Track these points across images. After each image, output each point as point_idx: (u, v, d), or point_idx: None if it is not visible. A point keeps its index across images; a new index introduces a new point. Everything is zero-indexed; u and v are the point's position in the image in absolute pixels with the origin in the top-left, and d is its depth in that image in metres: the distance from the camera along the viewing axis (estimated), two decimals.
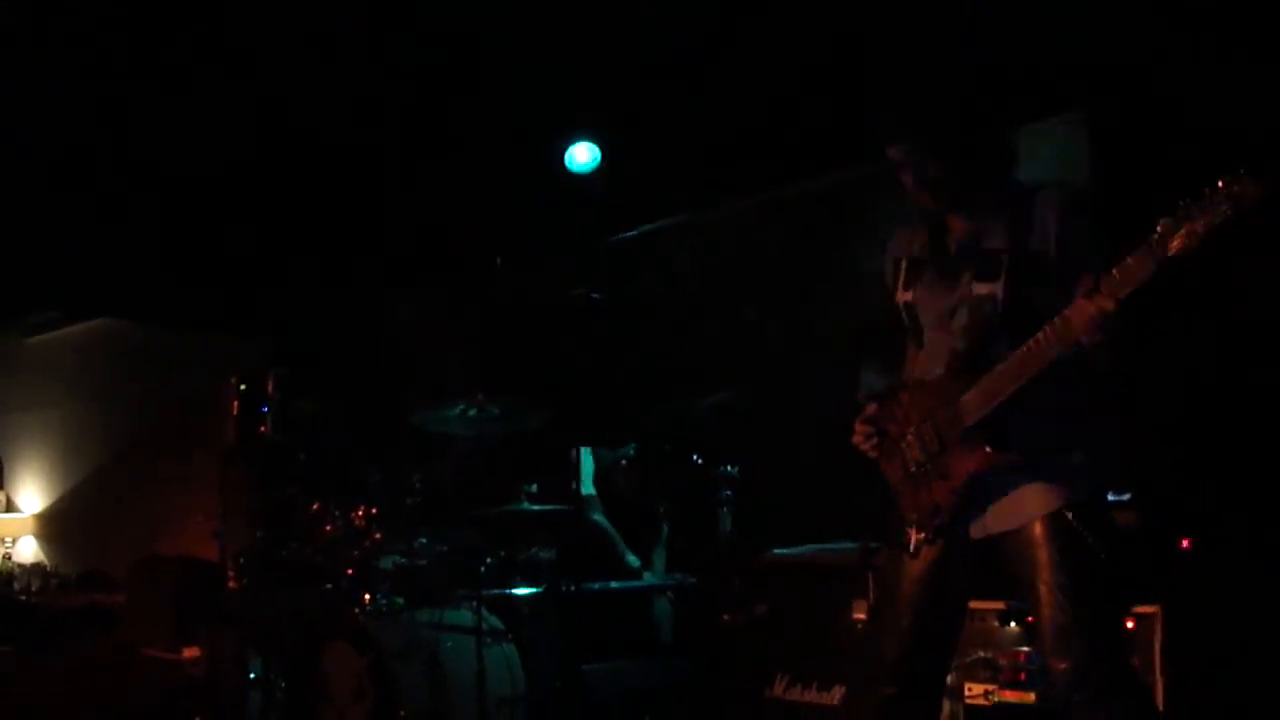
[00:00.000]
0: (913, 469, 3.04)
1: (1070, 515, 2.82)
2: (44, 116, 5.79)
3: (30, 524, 10.42)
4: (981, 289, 2.94)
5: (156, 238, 6.98)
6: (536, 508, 5.34)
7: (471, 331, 6.95)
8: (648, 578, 5.66)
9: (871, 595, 3.99)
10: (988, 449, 2.86)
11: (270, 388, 5.82)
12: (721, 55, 5.21)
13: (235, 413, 5.97)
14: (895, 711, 3.04)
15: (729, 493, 4.87)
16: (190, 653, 6.22)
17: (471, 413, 5.04)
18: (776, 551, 4.55)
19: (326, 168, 6.31)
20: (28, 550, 10.34)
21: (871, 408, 3.23)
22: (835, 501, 5.03)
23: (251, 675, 5.44)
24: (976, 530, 2.97)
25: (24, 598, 8.44)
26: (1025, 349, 2.77)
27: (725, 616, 4.54)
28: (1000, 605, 3.74)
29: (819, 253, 5.76)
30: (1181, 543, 3.65)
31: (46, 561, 9.88)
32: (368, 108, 5.82)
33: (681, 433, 5.17)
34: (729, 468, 4.90)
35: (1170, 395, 4.25)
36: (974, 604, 3.65)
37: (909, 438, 3.05)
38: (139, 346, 9.33)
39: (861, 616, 4.08)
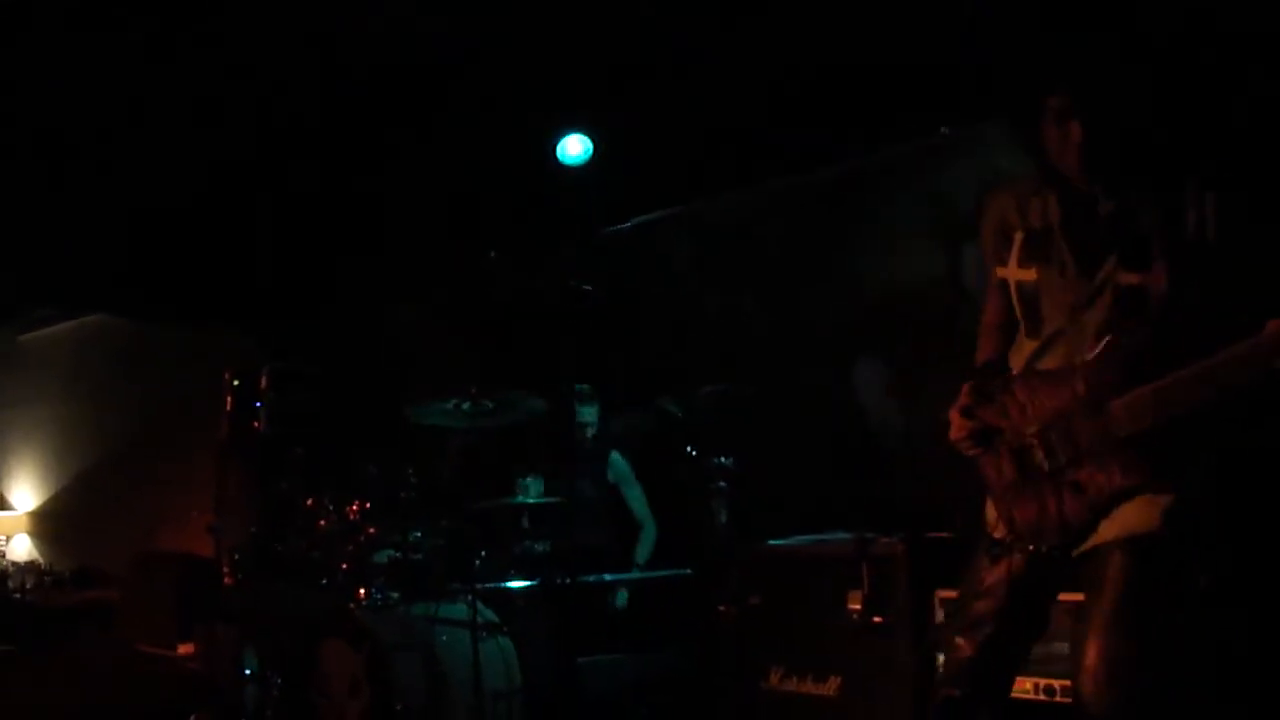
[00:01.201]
0: (1032, 475, 2.70)
1: (1137, 545, 2.55)
2: (38, 113, 5.78)
3: (24, 522, 10.40)
4: (1129, 278, 2.57)
5: (150, 234, 6.96)
6: (531, 501, 5.36)
7: (465, 325, 6.94)
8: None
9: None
10: (1147, 469, 2.54)
11: (264, 383, 5.82)
12: (714, 47, 5.20)
13: (229, 409, 5.97)
14: (957, 714, 2.78)
15: (724, 484, 4.87)
16: (186, 649, 6.21)
17: (466, 406, 5.04)
18: (771, 543, 4.55)
19: (319, 162, 6.29)
20: (22, 548, 10.32)
21: (966, 398, 2.83)
22: (830, 493, 5.05)
23: (248, 671, 5.45)
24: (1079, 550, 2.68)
25: (18, 596, 8.42)
26: (1209, 365, 2.43)
27: (721, 608, 4.54)
28: None
29: (815, 246, 5.76)
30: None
31: (41, 559, 9.86)
32: (360, 102, 5.81)
33: (677, 424, 5.17)
34: (724, 459, 4.90)
35: None
36: None
37: (1032, 440, 2.69)
38: (133, 343, 9.31)
39: (856, 608, 4.08)
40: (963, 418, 2.82)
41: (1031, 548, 2.68)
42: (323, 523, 5.12)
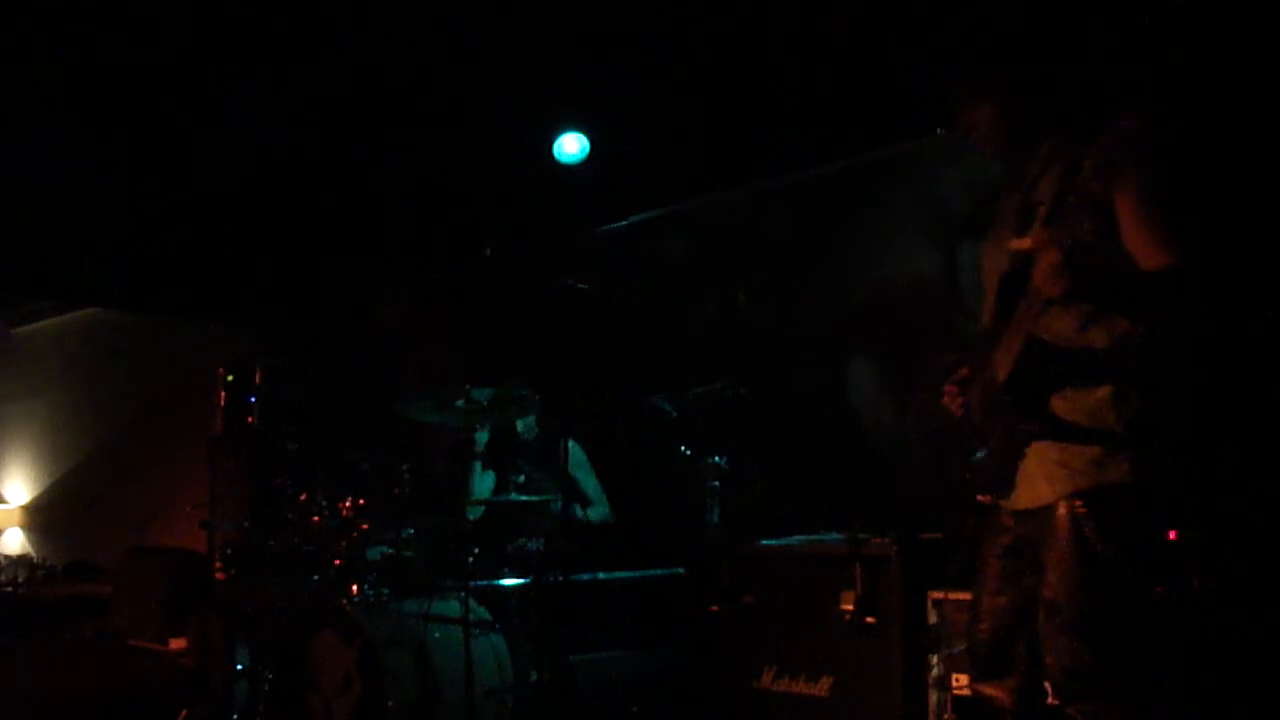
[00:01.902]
0: (969, 431, 2.93)
1: (1080, 504, 2.70)
2: (32, 107, 5.77)
3: (17, 515, 10.40)
4: (1020, 243, 2.72)
5: (144, 228, 6.95)
6: (524, 498, 5.35)
7: (460, 322, 6.94)
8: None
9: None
10: (1010, 413, 2.78)
11: (258, 378, 5.82)
12: (711, 47, 5.20)
13: (223, 403, 5.97)
14: (987, 695, 2.94)
15: (717, 483, 4.87)
16: (178, 643, 6.21)
17: (459, 403, 5.03)
18: (764, 542, 4.55)
19: (315, 157, 6.29)
20: (14, 541, 10.32)
21: (964, 370, 3.02)
22: (823, 493, 5.05)
23: (239, 665, 5.44)
24: (1009, 504, 2.87)
25: (10, 589, 8.40)
26: (1023, 303, 2.68)
27: (713, 607, 4.54)
28: None
29: (810, 245, 5.76)
30: (1168, 534, 3.65)
31: (33, 553, 9.86)
32: (357, 98, 5.80)
33: (670, 423, 5.17)
34: (717, 458, 4.90)
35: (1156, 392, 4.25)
36: (960, 595, 3.67)
37: (967, 401, 2.94)
38: (126, 337, 9.31)
39: (849, 608, 4.08)
40: (951, 384, 3.02)
41: (987, 497, 2.92)
42: (315, 518, 5.10)
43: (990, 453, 2.87)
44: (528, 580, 5.09)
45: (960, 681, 3.79)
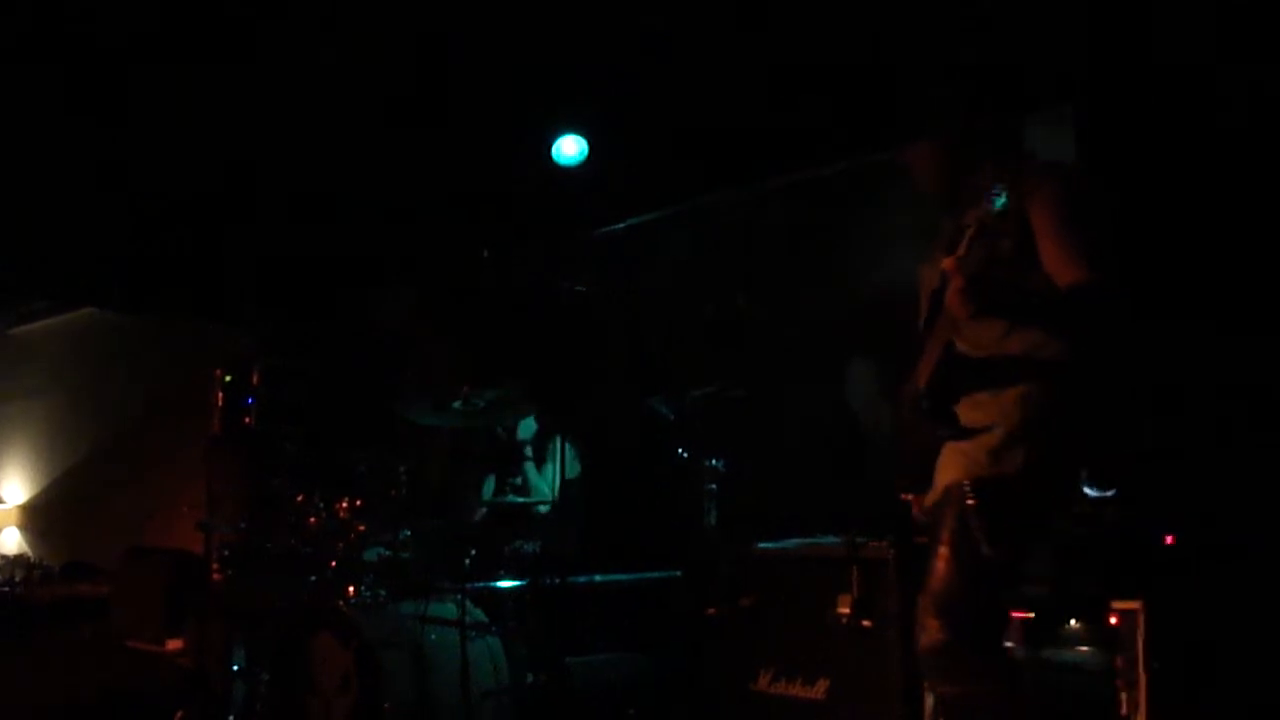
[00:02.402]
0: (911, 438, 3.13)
1: (970, 491, 2.87)
2: (29, 107, 5.77)
3: (14, 515, 10.39)
4: (947, 264, 2.92)
5: (142, 229, 6.95)
6: (521, 500, 5.35)
7: (458, 324, 6.94)
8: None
9: None
10: (927, 417, 2.99)
11: (255, 379, 5.81)
12: (710, 48, 5.20)
13: (220, 404, 5.96)
14: None
15: (714, 486, 4.87)
16: (175, 644, 6.20)
17: (457, 405, 5.03)
18: (761, 545, 4.55)
19: (313, 158, 6.29)
20: (11, 541, 10.31)
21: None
22: (821, 495, 5.05)
23: (236, 667, 5.44)
24: (926, 500, 3.09)
25: (7, 589, 8.40)
26: (941, 318, 2.91)
27: (710, 610, 4.54)
28: None
29: (809, 247, 5.76)
30: (1165, 539, 3.66)
31: (30, 553, 9.86)
32: (355, 100, 5.81)
33: (668, 425, 5.17)
34: (714, 461, 4.90)
35: (1154, 392, 4.27)
36: None
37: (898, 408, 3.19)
38: (124, 337, 9.30)
39: (846, 610, 4.08)
40: None
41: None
42: (313, 520, 5.11)
43: (911, 454, 3.11)
44: (524, 582, 5.09)
45: None
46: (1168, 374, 4.25)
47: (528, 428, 5.90)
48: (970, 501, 2.87)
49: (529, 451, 5.87)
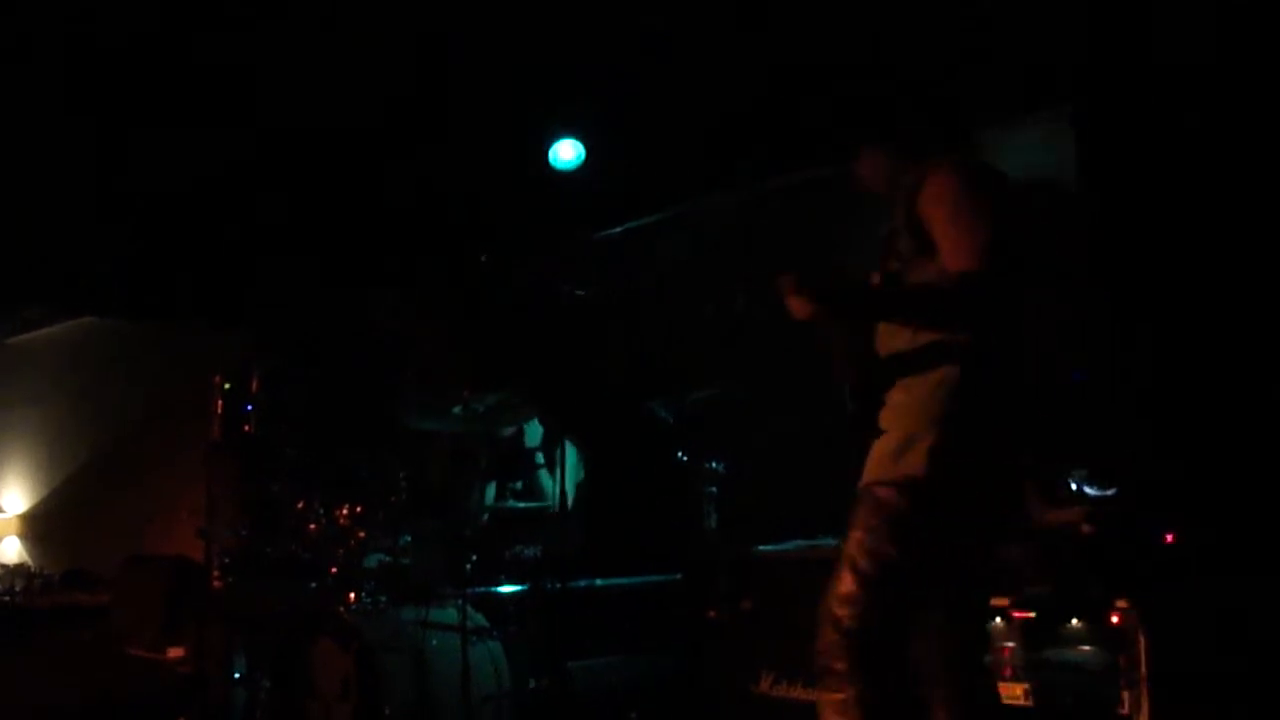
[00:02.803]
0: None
1: (878, 490, 2.86)
2: (28, 112, 5.76)
3: (14, 524, 10.36)
4: (874, 275, 3.05)
5: (141, 236, 6.95)
6: (522, 505, 5.35)
7: (458, 329, 6.93)
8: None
9: None
10: (855, 417, 3.06)
11: (255, 386, 5.81)
12: (707, 50, 5.20)
13: (219, 411, 5.95)
14: None
15: (714, 489, 4.86)
16: (176, 652, 6.19)
17: (457, 410, 5.03)
18: (762, 548, 4.55)
19: (312, 163, 6.28)
20: (11, 550, 10.29)
21: None
22: (820, 498, 5.04)
23: (236, 673, 5.43)
24: None
25: (8, 598, 8.38)
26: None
27: (711, 613, 4.54)
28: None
29: (808, 249, 5.75)
30: (1165, 538, 3.66)
31: (30, 562, 9.83)
32: (353, 104, 5.80)
33: (667, 428, 5.16)
34: (714, 464, 4.89)
35: (1154, 392, 4.27)
36: None
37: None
38: (123, 345, 9.29)
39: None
40: None
41: None
42: (313, 526, 5.10)
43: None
44: (525, 587, 5.09)
45: None
46: (1167, 374, 4.25)
47: (536, 432, 5.89)
48: (877, 501, 2.85)
49: (540, 459, 5.87)
